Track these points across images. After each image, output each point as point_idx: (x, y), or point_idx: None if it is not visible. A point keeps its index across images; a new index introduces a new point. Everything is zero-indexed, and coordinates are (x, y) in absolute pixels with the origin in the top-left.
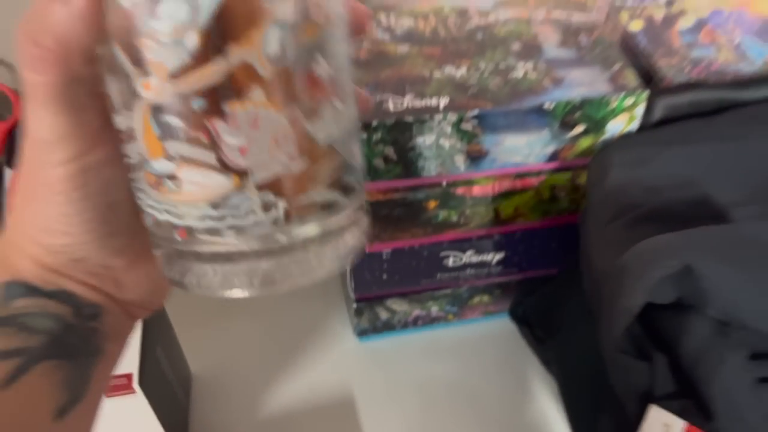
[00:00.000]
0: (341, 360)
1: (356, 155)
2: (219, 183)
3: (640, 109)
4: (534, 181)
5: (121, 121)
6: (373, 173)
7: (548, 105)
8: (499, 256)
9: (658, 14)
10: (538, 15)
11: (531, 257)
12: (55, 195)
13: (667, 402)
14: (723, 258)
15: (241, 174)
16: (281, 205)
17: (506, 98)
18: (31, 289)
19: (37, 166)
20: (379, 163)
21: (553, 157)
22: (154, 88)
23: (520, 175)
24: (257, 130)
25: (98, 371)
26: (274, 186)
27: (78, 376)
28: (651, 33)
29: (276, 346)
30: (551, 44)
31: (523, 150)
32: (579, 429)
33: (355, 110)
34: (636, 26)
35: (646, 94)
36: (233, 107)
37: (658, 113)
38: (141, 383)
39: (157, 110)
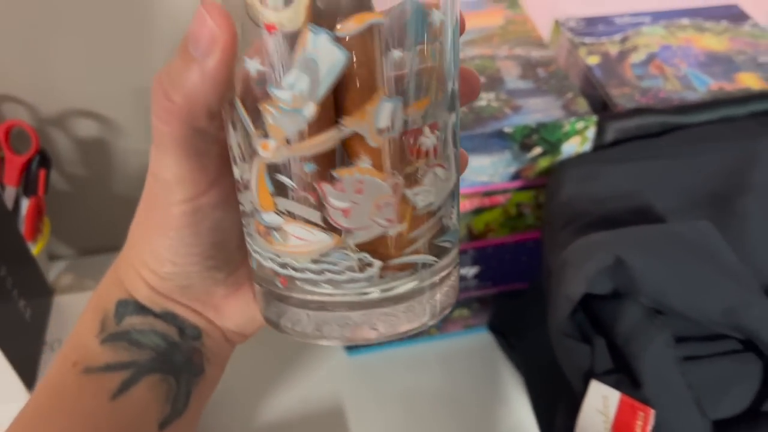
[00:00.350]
0: (332, 372)
1: (453, 217)
2: (321, 240)
3: (591, 132)
4: (501, 198)
5: (238, 171)
6: None
7: (508, 129)
8: (474, 270)
9: (613, 50)
10: (502, 52)
11: (503, 271)
12: (170, 230)
13: (605, 377)
14: (651, 252)
15: (343, 233)
16: (377, 264)
17: (471, 124)
18: (141, 309)
19: (157, 202)
20: None
21: (516, 176)
22: (271, 150)
23: (488, 193)
24: (361, 194)
25: (198, 390)
26: (371, 246)
27: (181, 391)
28: (606, 66)
29: (271, 360)
30: (512, 77)
31: (488, 170)
32: (541, 417)
33: (455, 175)
34: (593, 60)
35: (594, 118)
36: (341, 173)
37: (609, 136)
38: None
39: (271, 169)
